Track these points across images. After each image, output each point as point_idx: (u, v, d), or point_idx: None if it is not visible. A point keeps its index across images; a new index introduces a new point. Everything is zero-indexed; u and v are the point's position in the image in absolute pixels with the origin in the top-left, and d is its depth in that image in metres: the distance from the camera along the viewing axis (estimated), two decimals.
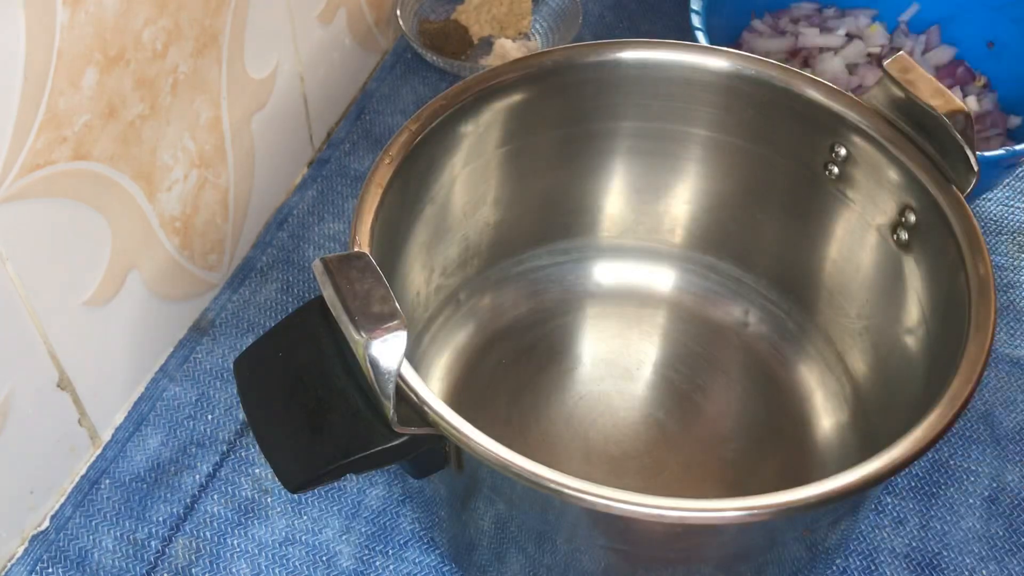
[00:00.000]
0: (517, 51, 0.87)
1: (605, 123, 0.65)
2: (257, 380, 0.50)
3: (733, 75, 0.62)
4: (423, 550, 0.62)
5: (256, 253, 0.76)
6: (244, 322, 0.72)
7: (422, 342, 0.66)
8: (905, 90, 0.56)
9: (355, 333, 0.44)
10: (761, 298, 0.70)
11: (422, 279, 0.64)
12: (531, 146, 0.65)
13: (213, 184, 0.69)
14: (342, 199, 0.80)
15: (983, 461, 0.67)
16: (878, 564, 0.62)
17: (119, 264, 0.62)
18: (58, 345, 0.59)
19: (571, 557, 0.51)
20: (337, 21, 0.80)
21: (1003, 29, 0.83)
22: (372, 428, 0.46)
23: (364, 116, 0.85)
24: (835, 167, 0.61)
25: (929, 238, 0.56)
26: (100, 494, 0.64)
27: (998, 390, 0.70)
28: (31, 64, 0.50)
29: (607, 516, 0.45)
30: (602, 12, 0.95)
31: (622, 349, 0.69)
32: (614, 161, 0.68)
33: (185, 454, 0.66)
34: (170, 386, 0.69)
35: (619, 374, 0.68)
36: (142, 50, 0.58)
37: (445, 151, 0.60)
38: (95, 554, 0.62)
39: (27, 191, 0.53)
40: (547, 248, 0.71)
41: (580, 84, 0.63)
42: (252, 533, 0.63)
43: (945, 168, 0.55)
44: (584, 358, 0.69)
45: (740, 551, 0.51)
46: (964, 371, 0.48)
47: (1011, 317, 0.74)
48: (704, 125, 0.65)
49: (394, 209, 0.56)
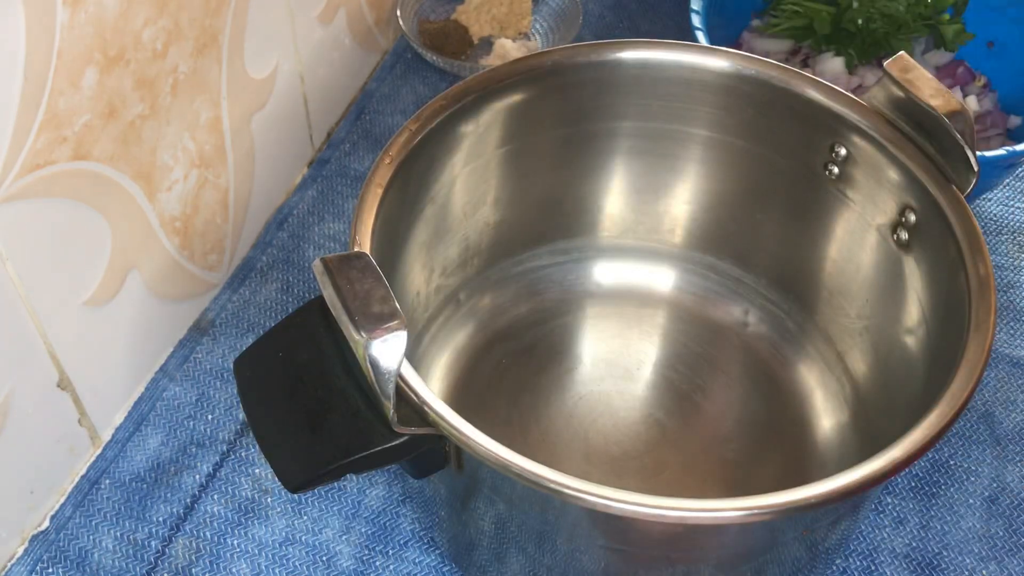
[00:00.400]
0: (517, 51, 0.87)
1: (605, 123, 0.65)
2: (257, 380, 0.50)
3: (733, 75, 0.62)
4: (423, 550, 0.62)
5: (256, 253, 0.76)
6: (244, 322, 0.72)
7: (422, 342, 0.66)
8: (905, 90, 0.56)
9: (355, 333, 0.44)
10: (761, 298, 0.70)
11: (422, 279, 0.64)
12: (531, 146, 0.65)
13: (213, 184, 0.69)
14: (342, 199, 0.80)
15: (983, 461, 0.67)
16: (878, 564, 0.62)
17: (119, 264, 0.62)
18: (58, 345, 0.59)
19: (571, 557, 0.51)
20: (337, 21, 0.80)
21: (1003, 29, 0.83)
22: (372, 428, 0.46)
23: (364, 116, 0.85)
24: (835, 167, 0.61)
25: (929, 238, 0.56)
26: (100, 494, 0.64)
27: (998, 390, 0.70)
28: (31, 64, 0.50)
29: (607, 516, 0.45)
30: (602, 12, 0.95)
31: (622, 349, 0.69)
32: (614, 161, 0.68)
33: (185, 454, 0.66)
34: (170, 386, 0.69)
35: (619, 374, 0.68)
36: (142, 50, 0.58)
37: (445, 151, 0.60)
38: (95, 554, 0.62)
39: (27, 191, 0.53)
40: (547, 248, 0.71)
41: (580, 84, 0.63)
42: (252, 533, 0.63)
43: (945, 168, 0.55)
44: (584, 358, 0.69)
45: (740, 551, 0.51)
46: (964, 371, 0.48)
47: (1011, 317, 0.74)
48: (704, 125, 0.65)
49: (394, 209, 0.56)
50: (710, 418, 0.66)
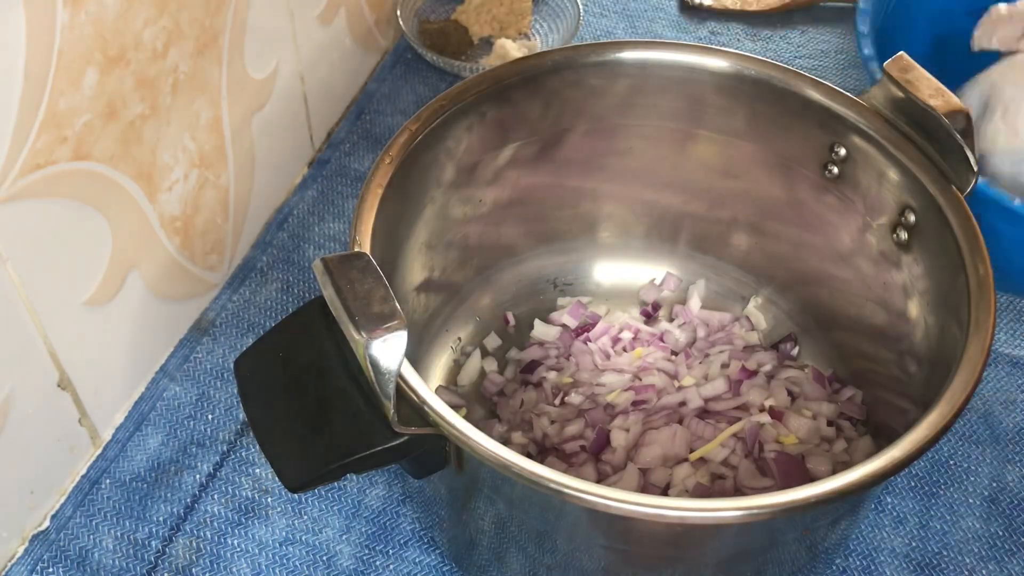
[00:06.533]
0: (517, 51, 0.87)
1: (605, 123, 0.65)
2: (257, 380, 0.50)
3: (733, 75, 0.62)
4: (423, 550, 0.62)
5: (256, 253, 0.76)
6: (244, 322, 0.72)
7: (422, 342, 0.66)
8: (905, 90, 0.56)
9: (355, 333, 0.44)
10: (762, 298, 0.70)
11: (422, 279, 0.64)
12: (531, 146, 0.65)
13: (213, 184, 0.69)
14: (342, 199, 0.80)
15: (983, 461, 0.67)
16: (878, 564, 0.62)
17: (119, 264, 0.62)
18: (58, 345, 0.59)
19: (571, 557, 0.51)
20: (337, 21, 0.80)
21: None
22: (372, 428, 0.46)
23: (364, 116, 0.85)
24: (835, 167, 0.61)
25: (929, 238, 0.56)
26: (100, 494, 0.64)
27: (998, 390, 0.70)
28: (31, 64, 0.50)
29: (607, 516, 0.45)
30: (602, 12, 0.95)
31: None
32: (614, 161, 0.68)
33: (185, 454, 0.66)
34: (170, 386, 0.69)
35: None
36: (142, 50, 0.58)
37: (445, 151, 0.60)
38: (95, 554, 0.62)
39: (27, 191, 0.53)
40: (547, 248, 0.71)
41: (580, 84, 0.63)
42: (252, 533, 0.63)
43: (945, 168, 0.55)
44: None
45: (740, 551, 0.51)
46: (964, 371, 0.48)
47: (1011, 317, 0.74)
48: (704, 125, 0.65)
49: (394, 209, 0.56)
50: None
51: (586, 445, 0.61)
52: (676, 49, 0.63)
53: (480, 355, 0.68)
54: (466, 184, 0.63)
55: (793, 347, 0.68)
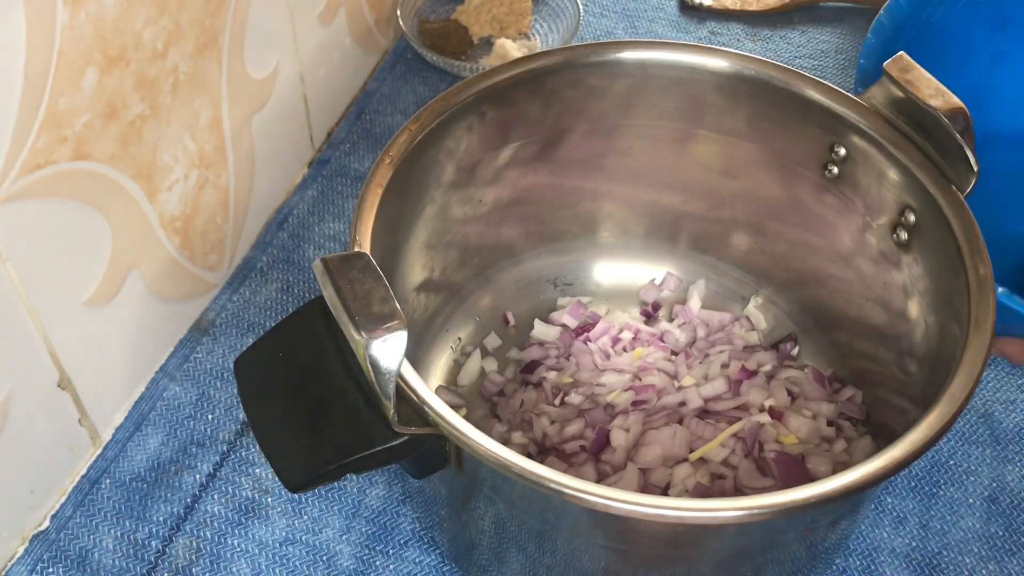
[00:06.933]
0: (517, 51, 0.87)
1: (605, 123, 0.65)
2: (257, 380, 0.50)
3: (733, 75, 0.62)
4: (423, 550, 0.62)
5: (256, 253, 0.76)
6: (244, 322, 0.72)
7: (422, 342, 0.66)
8: (905, 90, 0.56)
9: (355, 333, 0.44)
10: (762, 298, 0.70)
11: (422, 279, 0.64)
12: (531, 146, 0.65)
13: (213, 184, 0.69)
14: (342, 199, 0.80)
15: (983, 461, 0.67)
16: (878, 564, 0.62)
17: (119, 264, 0.62)
18: (58, 345, 0.59)
19: (571, 557, 0.51)
20: (337, 21, 0.80)
21: None
22: (372, 428, 0.46)
23: (364, 116, 0.85)
24: (835, 167, 0.61)
25: (929, 238, 0.56)
26: (100, 494, 0.64)
27: (998, 390, 0.70)
28: (31, 64, 0.50)
29: (607, 516, 0.45)
30: (602, 12, 0.95)
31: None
32: (614, 161, 0.68)
33: (185, 454, 0.66)
34: (170, 386, 0.69)
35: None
36: (142, 50, 0.58)
37: (445, 151, 0.60)
38: (95, 554, 0.62)
39: (27, 191, 0.53)
40: (547, 248, 0.71)
41: (580, 84, 0.63)
42: (252, 533, 0.63)
43: (945, 168, 0.55)
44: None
45: (740, 551, 0.51)
46: (964, 371, 0.48)
47: None
48: (704, 125, 0.65)
49: (394, 209, 0.56)
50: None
51: (586, 445, 0.61)
52: (676, 49, 0.63)
53: (480, 355, 0.68)
54: (466, 184, 0.63)
55: (793, 347, 0.68)
